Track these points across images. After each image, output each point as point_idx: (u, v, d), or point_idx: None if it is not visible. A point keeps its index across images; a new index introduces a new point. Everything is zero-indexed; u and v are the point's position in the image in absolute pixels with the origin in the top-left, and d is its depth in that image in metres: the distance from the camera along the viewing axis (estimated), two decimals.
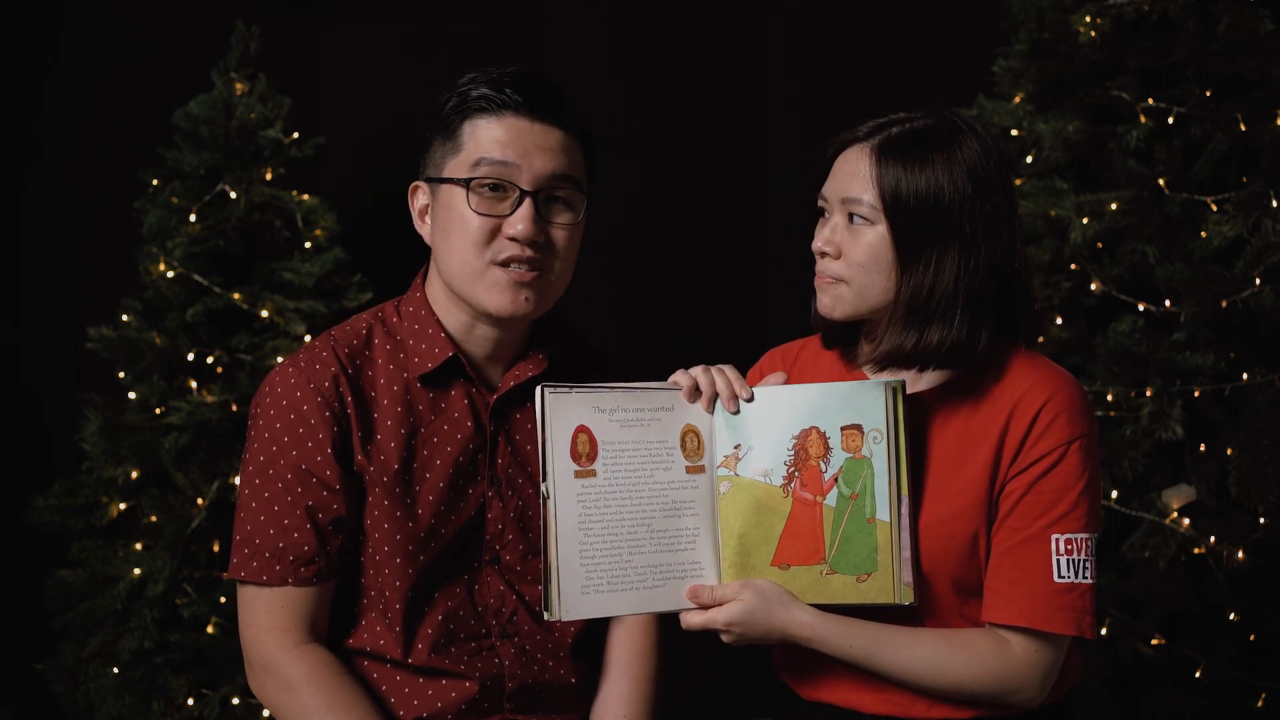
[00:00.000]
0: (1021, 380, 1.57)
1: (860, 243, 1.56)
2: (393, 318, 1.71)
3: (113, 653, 2.81)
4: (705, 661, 2.58)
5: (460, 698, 1.64)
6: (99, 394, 2.91)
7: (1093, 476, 1.55)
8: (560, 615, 1.50)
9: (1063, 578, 1.52)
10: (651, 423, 1.57)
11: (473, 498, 1.67)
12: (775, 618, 1.54)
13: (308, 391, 1.61)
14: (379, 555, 1.63)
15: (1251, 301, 2.65)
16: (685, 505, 1.57)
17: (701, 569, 1.57)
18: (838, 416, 1.55)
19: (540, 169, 1.60)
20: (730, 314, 3.26)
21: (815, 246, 1.60)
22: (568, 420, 1.53)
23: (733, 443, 1.58)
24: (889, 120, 1.58)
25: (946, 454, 1.58)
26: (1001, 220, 1.55)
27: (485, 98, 1.60)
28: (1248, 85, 2.77)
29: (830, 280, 1.59)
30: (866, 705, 1.61)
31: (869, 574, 1.53)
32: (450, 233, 1.62)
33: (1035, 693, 1.54)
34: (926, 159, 1.53)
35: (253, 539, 1.61)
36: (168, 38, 3.20)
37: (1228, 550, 2.63)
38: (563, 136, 1.63)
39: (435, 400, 1.67)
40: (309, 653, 1.60)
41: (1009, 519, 1.55)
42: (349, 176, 3.27)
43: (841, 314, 1.60)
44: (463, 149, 1.61)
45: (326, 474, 1.60)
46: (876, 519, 1.53)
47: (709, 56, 3.39)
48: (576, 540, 1.51)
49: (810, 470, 1.55)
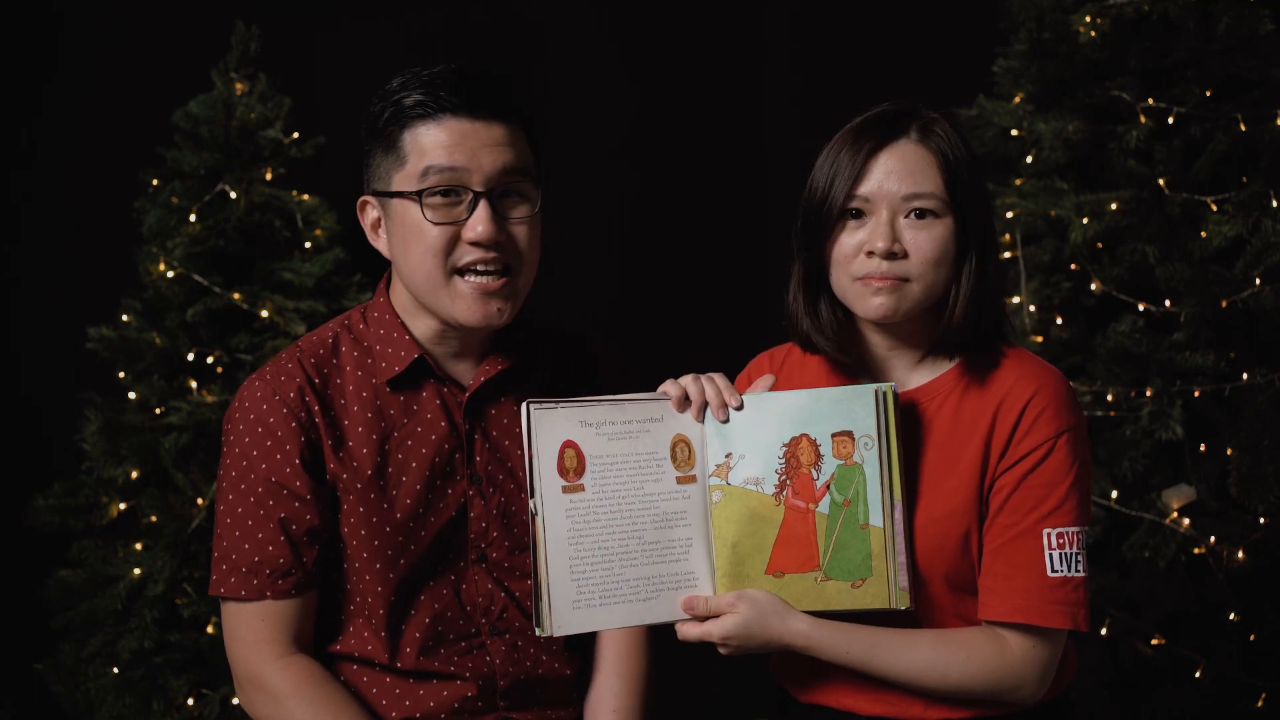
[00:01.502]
0: (1007, 376, 1.57)
1: (933, 237, 1.54)
2: (359, 324, 1.70)
3: (113, 653, 2.81)
4: (702, 662, 2.58)
5: (452, 698, 1.63)
6: (99, 394, 2.91)
7: (1081, 469, 1.55)
8: (552, 631, 1.50)
9: (1056, 572, 1.52)
10: (641, 434, 1.56)
11: (453, 498, 1.66)
12: (771, 629, 1.53)
13: (274, 404, 1.60)
14: (358, 561, 1.62)
15: (1251, 301, 2.64)
16: (677, 516, 1.57)
17: (695, 579, 1.57)
18: (828, 423, 1.53)
19: (490, 167, 1.57)
20: (730, 314, 3.26)
21: (879, 248, 1.54)
22: (553, 436, 1.52)
23: (724, 451, 1.57)
24: (903, 112, 1.58)
25: (936, 452, 1.58)
26: (989, 198, 1.65)
27: (421, 104, 1.57)
28: (1248, 85, 2.77)
29: (894, 281, 1.55)
30: (863, 708, 1.60)
31: (864, 580, 1.53)
32: (409, 246, 1.59)
33: (1033, 689, 1.54)
34: (957, 144, 1.56)
35: (229, 555, 1.60)
36: (168, 38, 3.20)
37: (1228, 550, 2.63)
38: (506, 130, 1.59)
39: (406, 403, 1.66)
40: (294, 664, 1.60)
41: (1000, 515, 1.55)
42: (349, 176, 3.24)
43: (904, 314, 1.57)
44: (407, 160, 1.58)
45: (297, 485, 1.59)
46: (870, 525, 1.52)
47: (709, 57, 3.39)
48: (566, 555, 1.51)
49: (802, 478, 1.55)
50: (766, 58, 3.40)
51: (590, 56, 3.34)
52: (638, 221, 3.28)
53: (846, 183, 1.56)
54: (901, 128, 1.56)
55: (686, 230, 3.34)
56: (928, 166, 1.55)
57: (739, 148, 3.38)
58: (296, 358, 1.65)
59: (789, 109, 3.36)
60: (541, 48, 3.35)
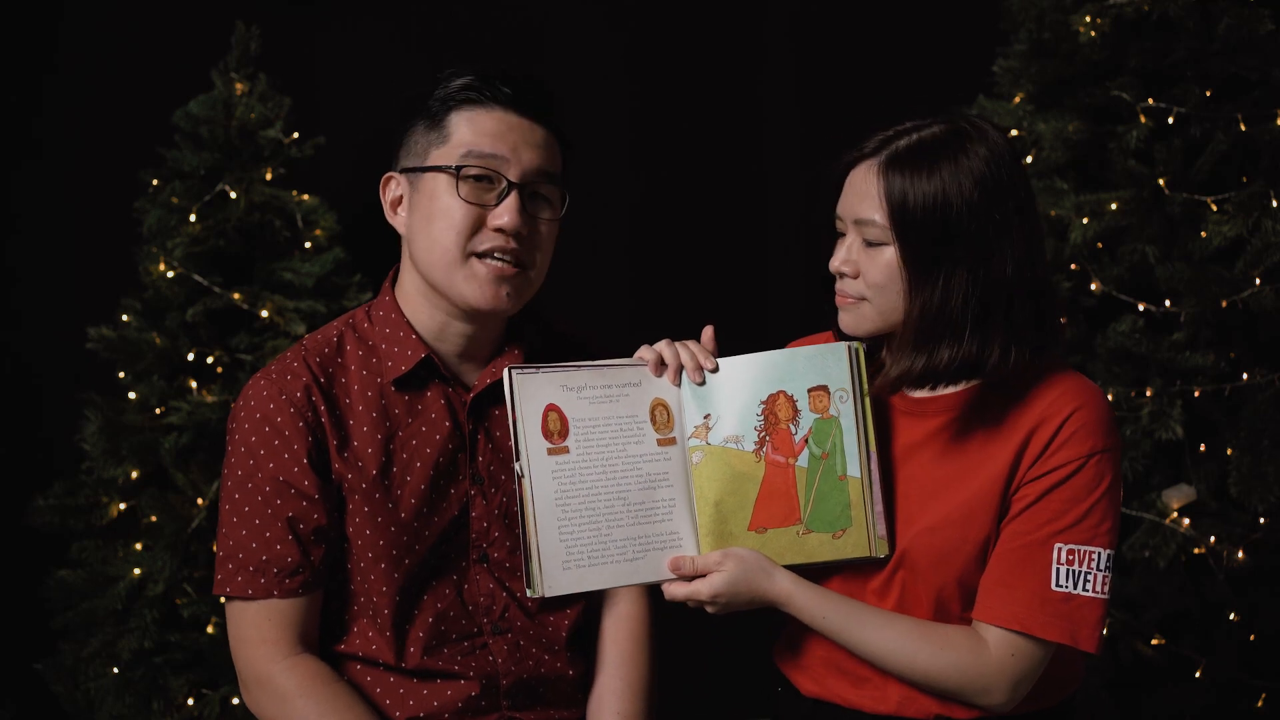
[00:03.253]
0: (1050, 390, 1.55)
1: (878, 262, 1.54)
2: (364, 323, 1.70)
3: (113, 653, 2.81)
4: (704, 661, 2.59)
5: (456, 697, 1.63)
6: (99, 394, 2.90)
7: (1109, 492, 1.52)
8: (543, 591, 1.52)
9: (1060, 587, 1.50)
10: (620, 398, 1.60)
11: (455, 497, 1.67)
12: (757, 586, 1.56)
13: (280, 403, 1.60)
14: (363, 561, 1.62)
15: (1251, 301, 2.64)
16: (659, 477, 1.60)
17: (680, 539, 1.60)
18: (804, 379, 1.58)
19: (528, 163, 1.61)
20: (730, 314, 3.26)
21: (834, 267, 1.59)
22: (536, 399, 1.56)
23: (702, 413, 1.61)
24: (895, 133, 1.55)
25: (966, 457, 1.57)
26: (1014, 228, 1.50)
27: (475, 89, 1.61)
28: (1248, 85, 2.77)
29: (852, 299, 1.58)
30: (868, 704, 1.61)
31: (844, 530, 1.57)
32: (432, 220, 1.61)
33: (1002, 698, 1.52)
34: (933, 172, 1.49)
35: (236, 554, 1.60)
36: (168, 38, 3.20)
37: (1228, 550, 2.63)
38: (547, 134, 1.64)
39: (411, 403, 1.66)
40: (300, 663, 1.60)
41: (1015, 521, 1.54)
42: (349, 176, 3.26)
43: (866, 331, 1.59)
44: (450, 139, 1.61)
45: (304, 484, 1.59)
46: (848, 475, 1.57)
47: (708, 57, 3.39)
48: (555, 516, 1.54)
49: (781, 433, 1.59)
50: (766, 57, 3.40)
51: (590, 57, 3.34)
52: (638, 221, 3.28)
53: (832, 199, 1.61)
54: (874, 148, 1.55)
55: (686, 230, 3.34)
56: (871, 194, 1.52)
57: (739, 148, 3.38)
58: (302, 356, 1.65)
59: (789, 109, 3.36)
60: (542, 48, 3.35)
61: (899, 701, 1.59)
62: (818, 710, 1.66)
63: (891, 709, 1.60)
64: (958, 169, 1.49)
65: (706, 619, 1.64)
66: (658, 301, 3.30)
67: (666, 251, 3.33)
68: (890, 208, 1.50)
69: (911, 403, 1.62)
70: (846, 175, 1.58)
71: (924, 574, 1.56)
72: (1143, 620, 2.71)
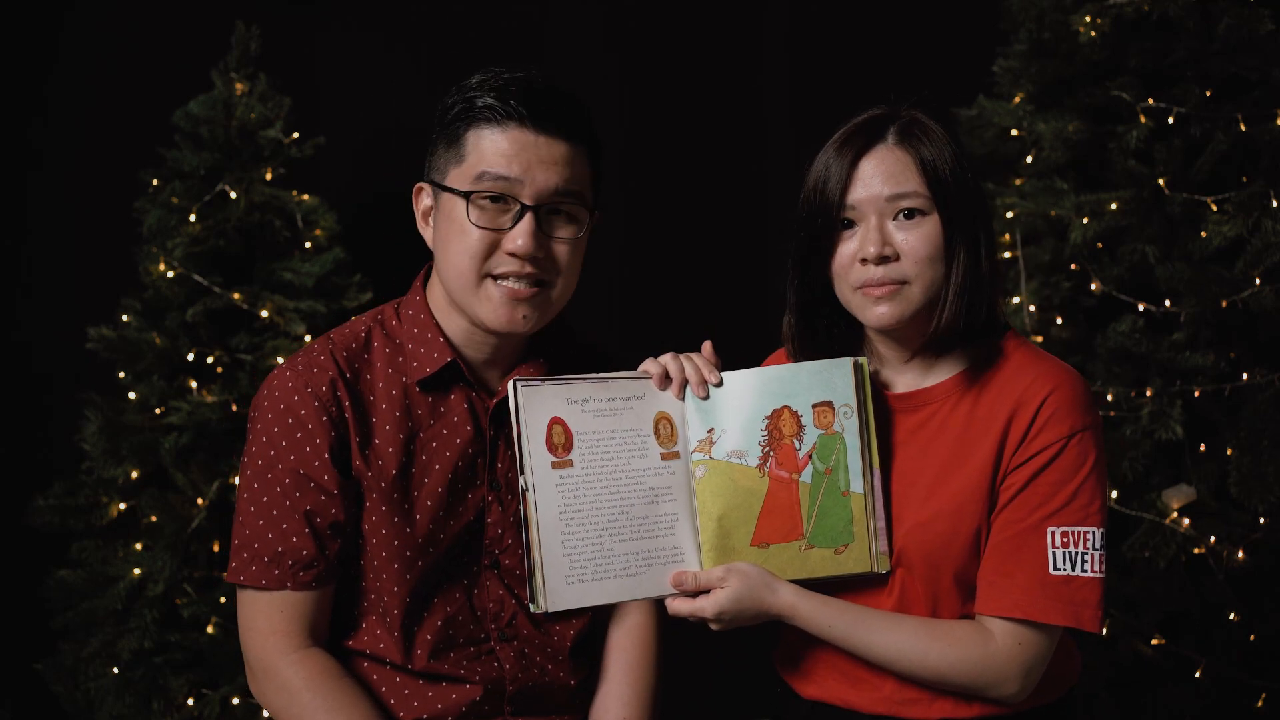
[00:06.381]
0: (1024, 374, 1.57)
1: (921, 234, 1.55)
2: (392, 320, 1.70)
3: (113, 653, 2.81)
4: (705, 662, 2.58)
5: (461, 700, 1.64)
6: (99, 394, 2.91)
7: (1094, 470, 1.54)
8: (546, 606, 1.52)
9: (1059, 570, 1.51)
10: (624, 411, 1.60)
11: (472, 502, 1.66)
12: (761, 601, 1.56)
13: (305, 395, 1.60)
14: (377, 560, 1.62)
15: (1251, 301, 2.64)
16: (663, 491, 1.59)
17: (683, 554, 1.59)
18: (808, 394, 1.59)
19: (543, 184, 1.58)
20: (730, 315, 3.26)
21: (870, 253, 1.55)
22: (541, 412, 1.55)
23: (705, 427, 1.61)
24: (870, 119, 1.60)
25: (951, 449, 1.58)
26: (982, 193, 1.61)
27: (490, 108, 1.57)
28: (1248, 85, 2.77)
29: (892, 286, 1.56)
30: (866, 705, 1.61)
31: (846, 546, 1.57)
32: (450, 241, 1.60)
33: (1016, 688, 1.53)
34: (934, 141, 1.57)
35: (251, 543, 1.60)
36: (168, 38, 3.20)
37: (1228, 550, 2.63)
38: (568, 149, 1.60)
39: (434, 405, 1.66)
40: (309, 657, 1.60)
41: (1005, 510, 1.55)
42: (349, 176, 3.27)
43: (907, 318, 1.58)
44: (465, 159, 1.59)
45: (324, 478, 1.59)
46: (851, 491, 1.57)
47: (708, 57, 3.39)
48: (558, 531, 1.53)
49: (785, 449, 1.59)
50: (766, 57, 3.40)
51: (590, 57, 3.34)
52: (638, 223, 3.27)
53: (836, 193, 1.57)
54: (879, 133, 1.58)
55: (687, 230, 3.34)
56: (906, 167, 1.56)
57: (738, 148, 3.38)
58: (329, 350, 1.64)
59: (789, 109, 3.36)
60: (541, 48, 3.35)
61: (894, 699, 1.59)
62: (816, 711, 1.66)
63: (888, 708, 1.60)
64: (941, 139, 1.58)
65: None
66: (658, 301, 3.30)
67: (666, 253, 3.33)
68: (926, 176, 1.55)
69: (896, 399, 1.63)
70: (855, 167, 1.57)
71: (919, 570, 1.56)
72: (1143, 620, 2.71)
